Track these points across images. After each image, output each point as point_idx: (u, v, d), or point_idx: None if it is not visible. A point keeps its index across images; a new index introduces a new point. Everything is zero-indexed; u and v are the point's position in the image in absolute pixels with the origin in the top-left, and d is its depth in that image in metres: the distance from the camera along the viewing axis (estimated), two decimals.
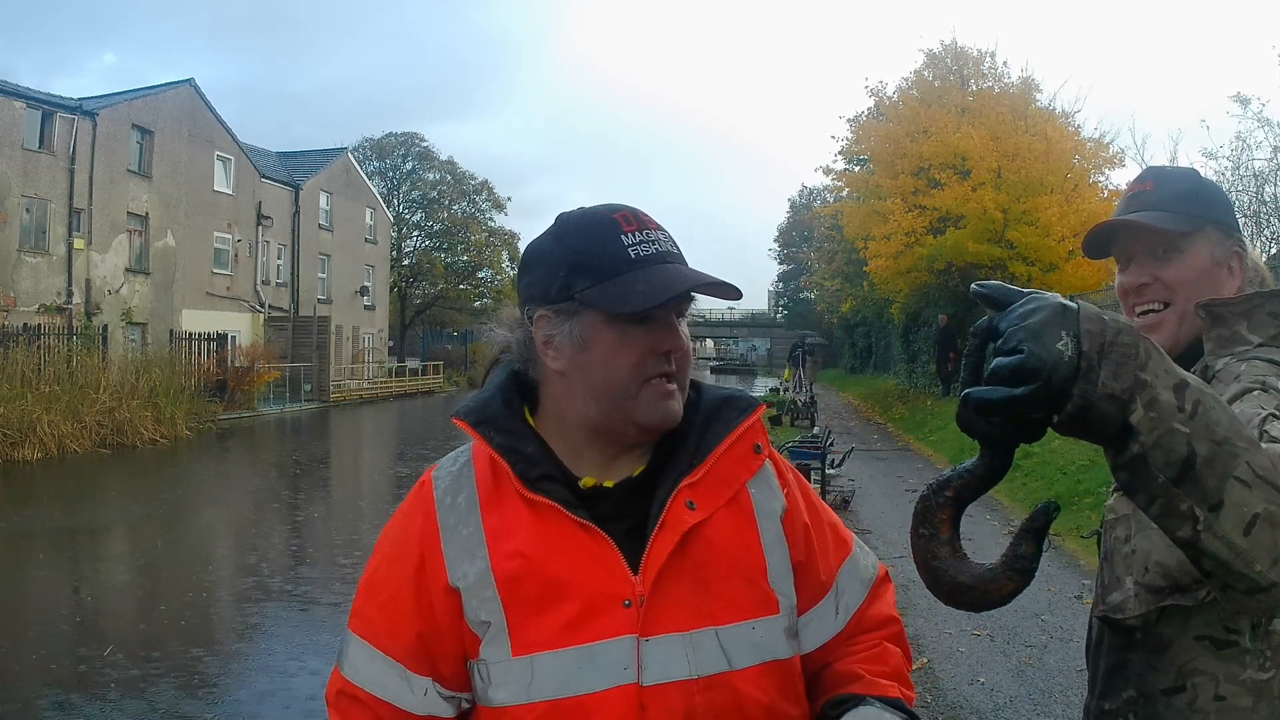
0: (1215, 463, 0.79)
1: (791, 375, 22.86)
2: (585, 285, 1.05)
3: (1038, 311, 0.79)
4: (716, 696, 1.02)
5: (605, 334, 1.05)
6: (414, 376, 37.87)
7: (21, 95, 21.29)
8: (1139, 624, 1.19)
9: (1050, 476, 9.62)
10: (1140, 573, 1.19)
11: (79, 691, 5.08)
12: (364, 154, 44.19)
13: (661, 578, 1.03)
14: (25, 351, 16.98)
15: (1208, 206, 1.32)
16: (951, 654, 4.97)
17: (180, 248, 25.91)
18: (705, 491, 1.07)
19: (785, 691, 1.08)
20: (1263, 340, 1.22)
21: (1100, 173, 17.86)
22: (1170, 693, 1.15)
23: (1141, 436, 0.78)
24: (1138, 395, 0.78)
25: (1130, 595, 1.20)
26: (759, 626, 1.06)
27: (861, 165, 22.47)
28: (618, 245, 1.05)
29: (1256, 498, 0.80)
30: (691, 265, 1.10)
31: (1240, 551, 0.81)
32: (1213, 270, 1.30)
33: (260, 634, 6.34)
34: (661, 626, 1.02)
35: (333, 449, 19.58)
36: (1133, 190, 1.38)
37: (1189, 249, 1.30)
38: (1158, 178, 1.37)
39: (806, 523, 1.15)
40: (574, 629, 1.01)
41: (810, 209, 45.43)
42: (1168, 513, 0.81)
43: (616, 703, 1.00)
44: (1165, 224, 1.30)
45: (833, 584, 1.16)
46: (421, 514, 1.10)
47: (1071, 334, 0.77)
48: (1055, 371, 0.76)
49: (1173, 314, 1.31)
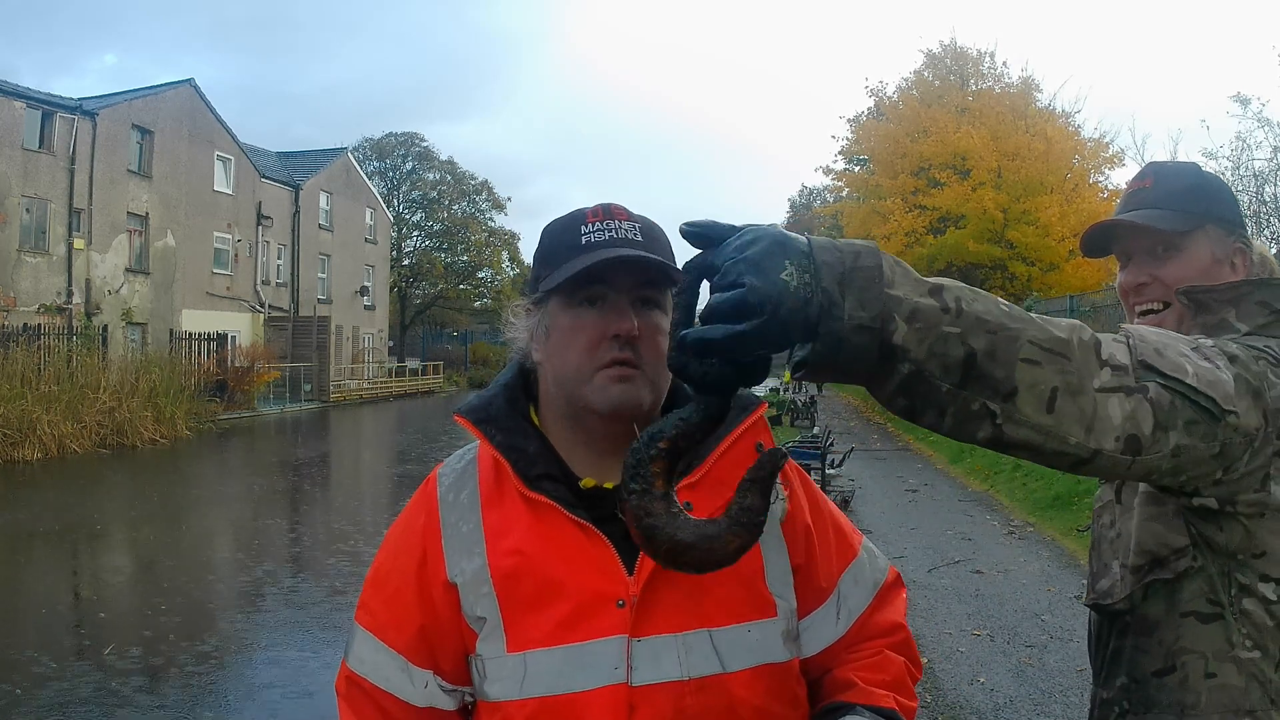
0: (996, 352, 0.77)
1: (793, 377, 22.45)
2: (545, 275, 1.08)
3: (756, 242, 0.74)
4: (709, 698, 1.02)
5: (561, 319, 1.07)
6: (414, 376, 37.86)
7: (21, 95, 21.28)
8: (1126, 607, 1.17)
9: (1050, 476, 9.62)
10: (1125, 555, 1.18)
11: (79, 691, 5.08)
12: (364, 154, 44.21)
13: (655, 579, 1.03)
14: (25, 351, 16.96)
15: (1209, 203, 1.29)
16: (951, 654, 4.97)
17: (180, 248, 25.91)
18: (703, 493, 1.06)
19: (780, 695, 1.07)
20: (1250, 329, 1.19)
21: (1100, 173, 17.91)
22: (1161, 674, 1.13)
23: (912, 353, 0.76)
24: (895, 313, 0.75)
25: (1116, 579, 1.20)
26: (755, 629, 1.06)
27: (861, 165, 22.48)
28: (575, 235, 1.08)
29: (1049, 372, 0.79)
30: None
31: (1049, 430, 0.79)
32: (1213, 268, 1.27)
33: (260, 633, 6.34)
34: (654, 627, 1.02)
35: (333, 449, 19.58)
36: (1133, 187, 1.36)
37: (1188, 247, 1.27)
38: (1158, 174, 1.34)
39: (809, 525, 1.14)
40: (567, 627, 1.02)
41: (810, 209, 45.44)
42: (963, 419, 0.78)
43: (605, 702, 1.00)
44: (1163, 223, 1.27)
45: (834, 590, 1.15)
46: (425, 510, 1.12)
47: (796, 265, 0.72)
48: (781, 303, 0.71)
49: (1172, 314, 1.28)
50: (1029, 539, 7.67)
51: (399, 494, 12.52)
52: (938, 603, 5.87)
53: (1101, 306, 12.44)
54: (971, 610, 5.74)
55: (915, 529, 8.19)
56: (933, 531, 8.06)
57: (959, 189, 16.67)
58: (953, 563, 6.83)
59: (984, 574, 6.51)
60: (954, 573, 6.57)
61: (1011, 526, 8.21)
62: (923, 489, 10.51)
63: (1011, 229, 16.37)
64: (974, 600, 5.93)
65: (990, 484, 10.53)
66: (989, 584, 6.28)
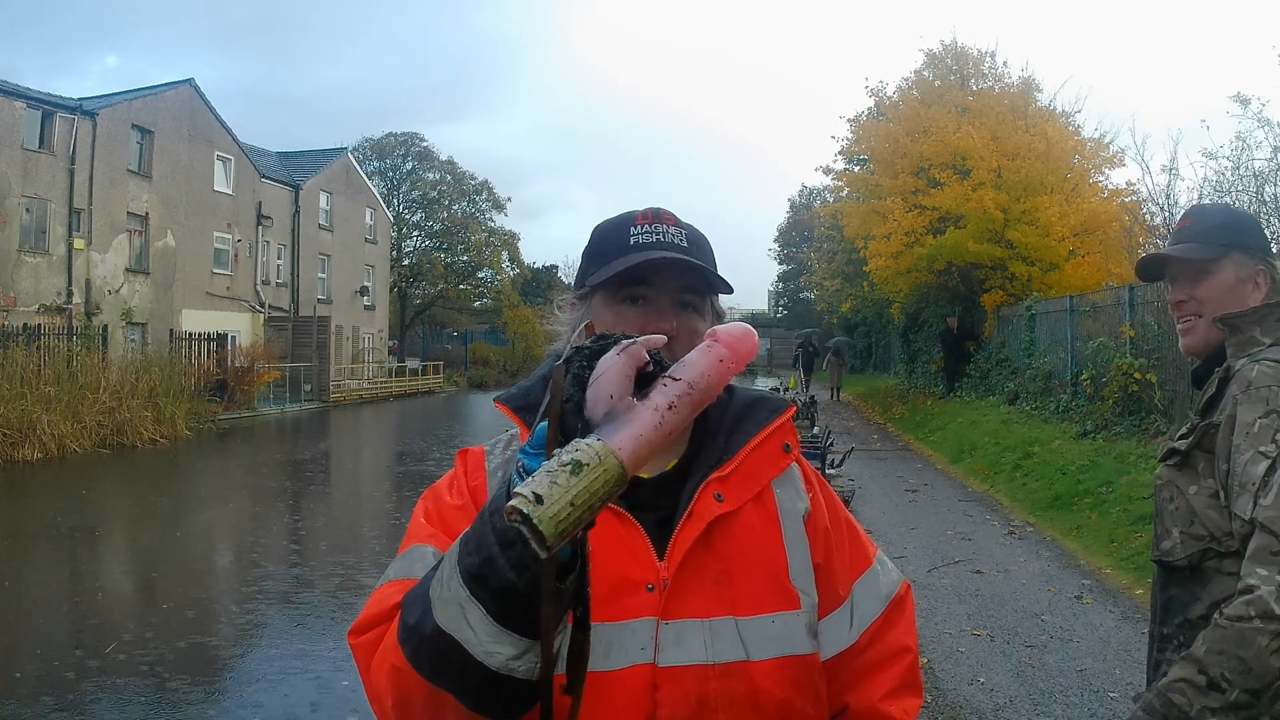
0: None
1: (798, 382, 20.77)
2: (592, 271, 1.15)
3: None
4: (732, 685, 1.04)
5: (604, 315, 1.13)
6: (414, 376, 37.84)
7: (21, 95, 21.28)
8: (1185, 565, 1.54)
9: (1050, 476, 9.63)
10: (1185, 524, 1.54)
11: (80, 690, 5.08)
12: (364, 154, 44.17)
13: (685, 564, 1.06)
14: (25, 351, 16.95)
15: (1235, 234, 1.66)
16: (951, 654, 4.97)
17: (180, 248, 25.91)
18: (733, 485, 1.11)
19: (803, 688, 1.09)
20: (1273, 340, 1.55)
21: (1100, 172, 17.85)
22: (1206, 618, 1.43)
23: None
24: None
25: (1177, 542, 1.55)
26: (779, 620, 1.09)
27: (861, 165, 22.45)
28: (624, 235, 1.15)
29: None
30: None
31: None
32: (1237, 287, 1.63)
33: (261, 633, 6.35)
34: (682, 611, 1.05)
35: (333, 449, 19.58)
36: (1179, 225, 1.75)
37: (1217, 271, 1.64)
38: (1198, 215, 1.74)
39: (828, 528, 1.18)
40: (600, 608, 1.04)
41: (810, 209, 45.39)
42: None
43: (632, 681, 1.02)
44: (1196, 254, 1.65)
45: (848, 596, 1.18)
46: (478, 474, 1.14)
47: None
48: None
49: (1203, 323, 1.66)
50: (1029, 539, 7.67)
51: (399, 494, 12.52)
52: (938, 603, 5.87)
53: (1101, 306, 12.45)
54: (971, 610, 5.74)
55: (915, 529, 8.19)
56: (933, 531, 8.06)
57: (959, 189, 16.63)
58: (953, 563, 6.83)
59: (984, 574, 6.51)
60: (954, 573, 6.57)
61: (1011, 526, 8.21)
62: (923, 489, 10.51)
63: (1011, 229, 16.34)
64: (974, 600, 5.93)
65: (990, 484, 10.53)
66: (989, 584, 6.28)
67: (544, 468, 0.76)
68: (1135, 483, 7.97)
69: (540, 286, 46.23)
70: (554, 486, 0.73)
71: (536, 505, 0.72)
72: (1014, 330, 16.35)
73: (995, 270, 17.44)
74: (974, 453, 12.46)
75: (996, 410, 14.61)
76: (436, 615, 0.87)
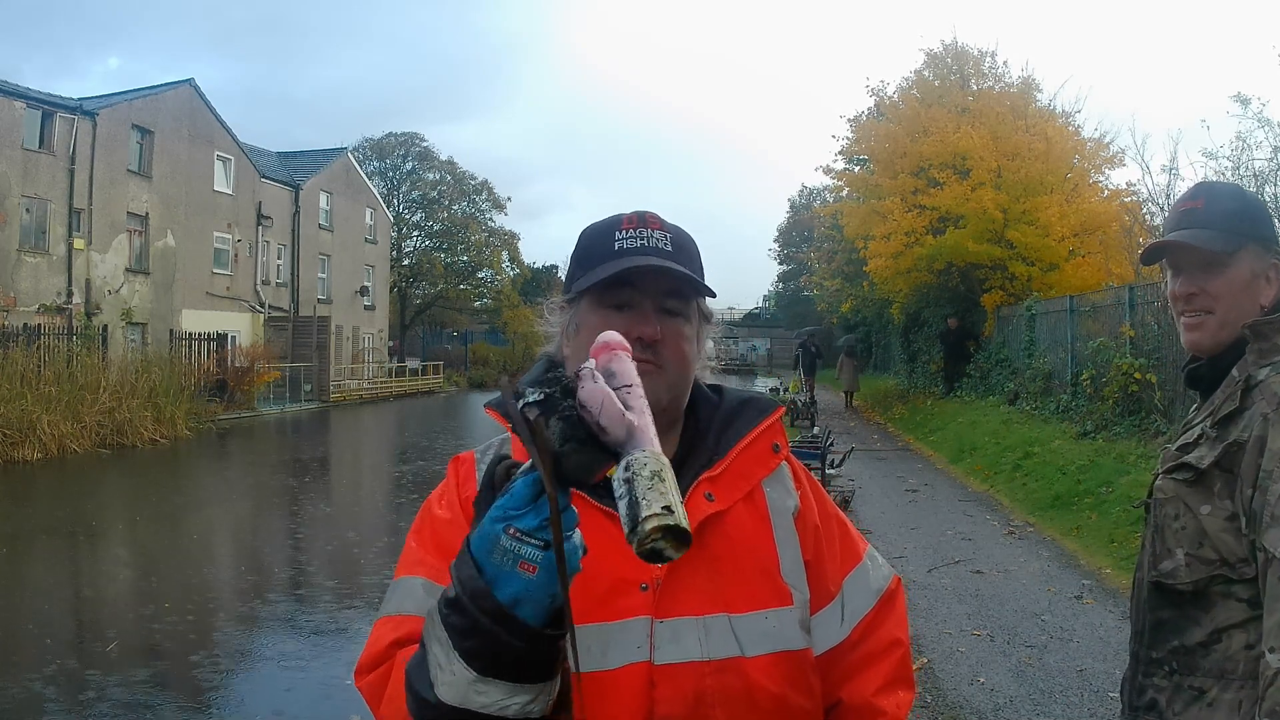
0: None
1: (800, 385, 20.48)
2: (579, 276, 1.16)
3: None
4: (727, 680, 1.05)
5: (590, 319, 1.14)
6: (414, 377, 37.84)
7: (22, 95, 21.28)
8: (1190, 589, 1.42)
9: (1050, 476, 9.62)
10: (1193, 545, 1.42)
11: (81, 690, 5.08)
12: (364, 154, 44.18)
13: (678, 563, 1.06)
14: (25, 351, 16.96)
15: (1251, 224, 1.50)
16: (951, 654, 4.97)
17: (180, 248, 25.91)
18: (724, 485, 1.13)
19: (796, 683, 1.10)
20: None
21: (1100, 172, 17.85)
22: (1206, 644, 1.38)
23: None
24: None
25: (1181, 564, 1.43)
26: (772, 616, 1.10)
27: (861, 165, 22.43)
28: (609, 240, 1.15)
29: None
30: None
31: None
32: (1252, 282, 1.48)
33: (262, 631, 6.35)
34: (676, 609, 1.07)
35: (333, 449, 19.58)
36: (1185, 206, 1.55)
37: (1232, 264, 1.48)
38: (1209, 195, 1.55)
39: (818, 525, 1.19)
40: (596, 608, 1.05)
41: (810, 209, 45.39)
42: None
43: (629, 680, 1.04)
44: (1214, 244, 1.48)
45: (838, 592, 1.19)
46: (465, 483, 1.15)
47: None
48: None
49: (1214, 320, 1.50)
50: (1029, 539, 7.67)
51: (399, 494, 12.53)
52: (938, 603, 5.87)
53: (1101, 306, 12.44)
54: (971, 610, 5.74)
55: (915, 529, 8.19)
56: (933, 531, 8.06)
57: (959, 189, 16.63)
58: (953, 563, 6.83)
59: (984, 574, 6.51)
60: (954, 573, 6.57)
61: (1011, 526, 8.21)
62: (923, 489, 10.51)
63: (1011, 229, 16.33)
64: (974, 600, 5.93)
65: (990, 484, 10.53)
66: (989, 584, 6.28)
67: (641, 487, 0.78)
68: (1135, 483, 7.97)
69: (540, 286, 46.19)
70: (666, 495, 0.77)
71: (670, 515, 0.76)
72: (1014, 330, 16.35)
73: (995, 270, 17.43)
74: (974, 453, 12.46)
75: (996, 410, 14.61)
76: (443, 695, 0.85)
